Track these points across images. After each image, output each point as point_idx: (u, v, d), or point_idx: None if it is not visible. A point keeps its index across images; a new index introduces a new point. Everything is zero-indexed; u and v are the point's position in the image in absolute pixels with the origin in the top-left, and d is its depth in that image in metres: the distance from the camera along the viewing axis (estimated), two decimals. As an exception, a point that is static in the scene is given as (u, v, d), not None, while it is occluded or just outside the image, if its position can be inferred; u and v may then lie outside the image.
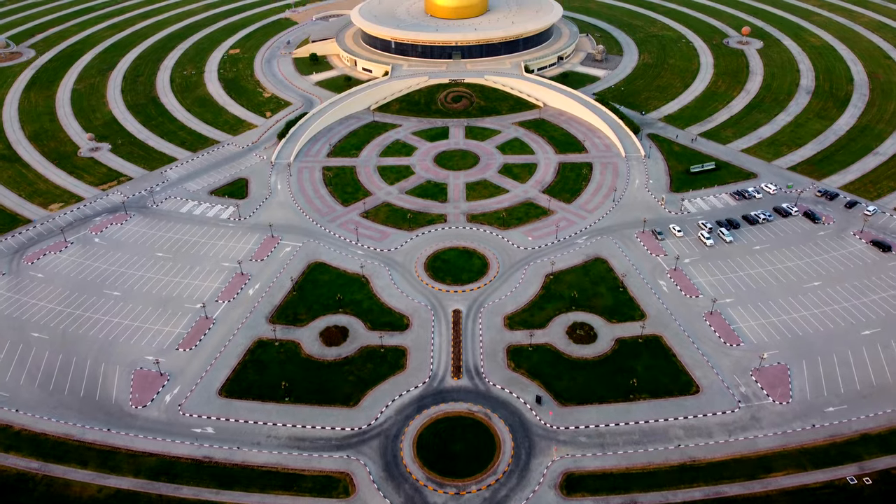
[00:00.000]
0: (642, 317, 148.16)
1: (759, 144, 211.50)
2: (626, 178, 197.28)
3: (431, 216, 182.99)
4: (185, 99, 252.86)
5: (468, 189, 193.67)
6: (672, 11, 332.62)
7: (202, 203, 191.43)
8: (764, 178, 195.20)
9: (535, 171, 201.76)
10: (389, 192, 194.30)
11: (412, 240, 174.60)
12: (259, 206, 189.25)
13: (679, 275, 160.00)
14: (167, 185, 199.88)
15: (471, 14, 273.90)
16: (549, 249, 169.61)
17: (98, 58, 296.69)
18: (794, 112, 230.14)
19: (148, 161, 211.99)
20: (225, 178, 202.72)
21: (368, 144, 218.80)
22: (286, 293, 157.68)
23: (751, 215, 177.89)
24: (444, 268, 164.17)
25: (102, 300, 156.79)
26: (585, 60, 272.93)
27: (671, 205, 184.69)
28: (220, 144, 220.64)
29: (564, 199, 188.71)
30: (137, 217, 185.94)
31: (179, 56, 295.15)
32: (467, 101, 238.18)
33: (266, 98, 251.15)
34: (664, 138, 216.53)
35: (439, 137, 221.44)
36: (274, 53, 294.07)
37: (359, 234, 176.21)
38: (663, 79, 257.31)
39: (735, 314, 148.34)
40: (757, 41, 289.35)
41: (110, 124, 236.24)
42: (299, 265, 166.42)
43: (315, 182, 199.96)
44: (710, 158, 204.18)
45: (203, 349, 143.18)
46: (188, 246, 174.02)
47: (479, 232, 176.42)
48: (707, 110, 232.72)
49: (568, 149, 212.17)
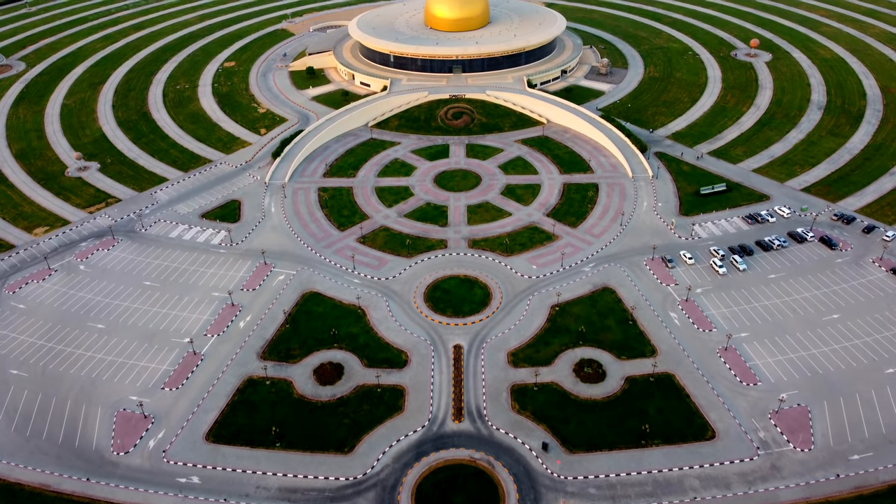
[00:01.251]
0: (653, 353, 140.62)
1: (770, 164, 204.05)
2: (634, 200, 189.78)
3: (431, 241, 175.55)
4: (178, 115, 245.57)
5: (469, 212, 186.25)
6: (678, 22, 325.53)
7: (193, 227, 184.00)
8: (777, 200, 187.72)
9: (538, 192, 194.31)
10: (387, 215, 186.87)
11: (411, 267, 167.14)
12: (252, 231, 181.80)
13: (691, 306, 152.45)
14: (157, 208, 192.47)
15: (472, 27, 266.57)
16: (555, 278, 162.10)
17: (89, 71, 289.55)
18: (805, 129, 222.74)
19: (137, 181, 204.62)
20: (217, 199, 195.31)
21: (366, 163, 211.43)
22: (279, 326, 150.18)
23: (765, 241, 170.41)
24: (444, 298, 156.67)
25: (86, 333, 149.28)
26: (589, 74, 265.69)
27: (681, 229, 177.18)
28: (213, 164, 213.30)
29: (570, 222, 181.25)
30: (125, 242, 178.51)
31: (173, 69, 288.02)
32: (468, 118, 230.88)
33: (261, 114, 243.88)
34: (672, 157, 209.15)
35: (439, 156, 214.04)
36: (270, 66, 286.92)
37: (355, 261, 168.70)
38: (670, 93, 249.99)
39: (751, 350, 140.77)
40: (765, 53, 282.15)
41: (100, 142, 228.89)
42: (293, 295, 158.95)
43: (310, 204, 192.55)
44: (721, 179, 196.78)
45: (190, 388, 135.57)
46: (177, 274, 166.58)
47: (481, 259, 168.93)
48: (716, 127, 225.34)
49: (573, 168, 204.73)
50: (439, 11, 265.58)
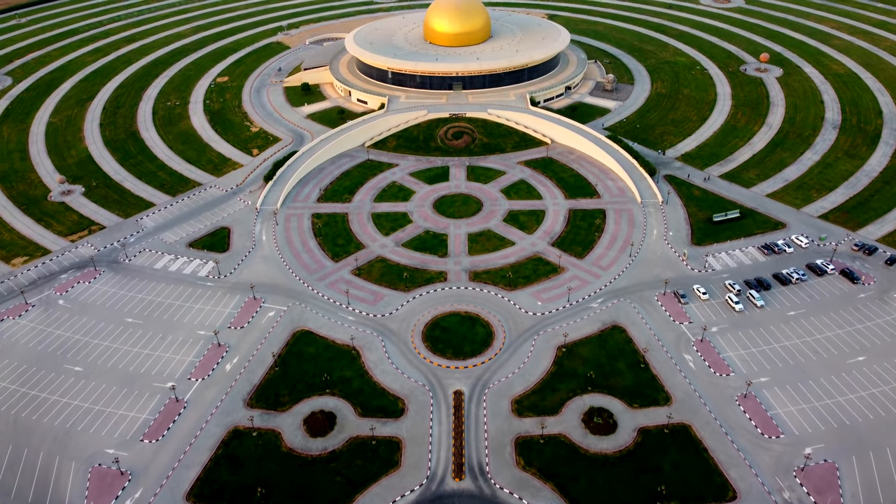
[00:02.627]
0: (667, 400, 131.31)
1: (785, 188, 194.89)
2: (643, 227, 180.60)
3: (430, 274, 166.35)
4: (168, 134, 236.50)
5: (470, 241, 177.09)
6: (684, 35, 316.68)
7: (179, 257, 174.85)
8: (794, 228, 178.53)
9: (543, 219, 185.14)
10: (384, 244, 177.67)
11: (409, 303, 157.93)
12: (241, 262, 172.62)
13: (707, 347, 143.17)
14: (142, 236, 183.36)
15: (472, 41, 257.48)
16: (561, 315, 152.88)
17: (77, 87, 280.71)
18: (821, 150, 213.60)
19: (123, 207, 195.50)
20: (205, 227, 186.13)
21: (362, 187, 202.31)
22: (267, 369, 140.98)
23: (782, 274, 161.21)
24: (443, 338, 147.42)
25: (62, 377, 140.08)
26: (594, 90, 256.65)
27: (694, 261, 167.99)
28: (202, 187, 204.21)
29: (576, 252, 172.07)
30: (107, 274, 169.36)
31: (164, 84, 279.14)
32: (469, 138, 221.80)
33: (254, 133, 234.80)
34: (682, 180, 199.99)
35: (439, 179, 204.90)
36: (264, 82, 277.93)
37: (350, 296, 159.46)
38: (678, 111, 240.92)
39: (772, 397, 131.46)
40: (776, 68, 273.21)
41: (85, 163, 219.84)
42: (283, 334, 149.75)
43: (303, 232, 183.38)
44: (734, 205, 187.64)
45: (171, 440, 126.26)
46: (161, 310, 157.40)
47: (483, 293, 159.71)
48: (727, 147, 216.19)
49: (578, 193, 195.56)
50: (439, 26, 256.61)
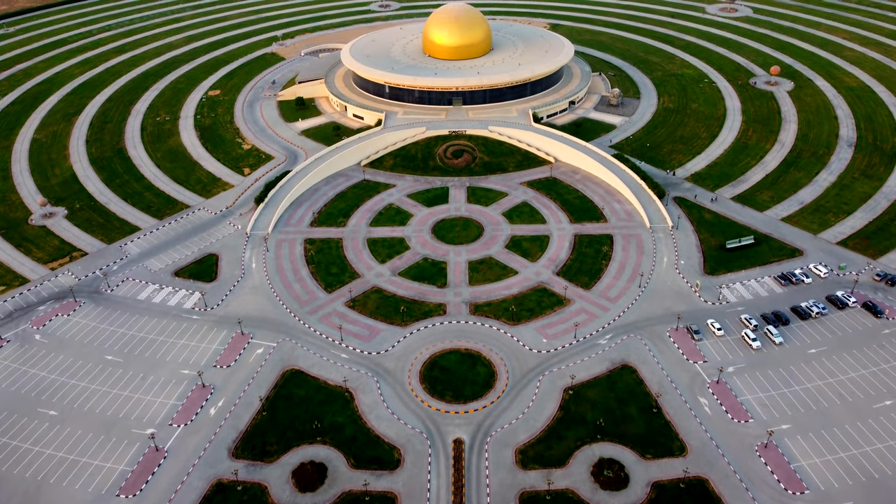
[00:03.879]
0: (682, 450, 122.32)
1: (801, 211, 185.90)
2: (653, 255, 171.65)
3: (428, 306, 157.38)
4: (156, 151, 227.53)
5: (471, 269, 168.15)
6: (691, 46, 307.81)
7: (164, 287, 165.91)
8: (811, 255, 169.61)
9: (547, 245, 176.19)
10: (380, 272, 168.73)
11: (406, 338, 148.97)
12: (229, 292, 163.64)
13: (723, 389, 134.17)
14: (126, 263, 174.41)
15: (473, 54, 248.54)
16: (567, 353, 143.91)
17: (65, 100, 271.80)
18: (836, 170, 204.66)
19: (107, 231, 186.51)
20: (192, 253, 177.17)
21: (358, 210, 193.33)
22: (254, 414, 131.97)
23: (801, 307, 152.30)
24: (442, 378, 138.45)
25: (35, 423, 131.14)
26: (599, 105, 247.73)
27: (707, 292, 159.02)
28: (190, 210, 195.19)
29: (582, 283, 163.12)
30: (88, 306, 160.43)
31: (154, 98, 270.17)
32: (469, 157, 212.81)
33: (245, 150, 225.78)
34: (693, 203, 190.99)
35: (438, 201, 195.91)
36: (257, 95, 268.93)
37: (343, 331, 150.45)
38: (686, 127, 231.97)
39: (794, 447, 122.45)
40: (787, 81, 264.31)
41: (69, 183, 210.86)
42: (272, 374, 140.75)
43: (295, 259, 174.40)
44: (747, 230, 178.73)
45: (149, 496, 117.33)
46: (143, 346, 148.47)
47: (484, 328, 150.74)
48: (739, 167, 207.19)
49: (584, 216, 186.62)
50: (438, 38, 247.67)
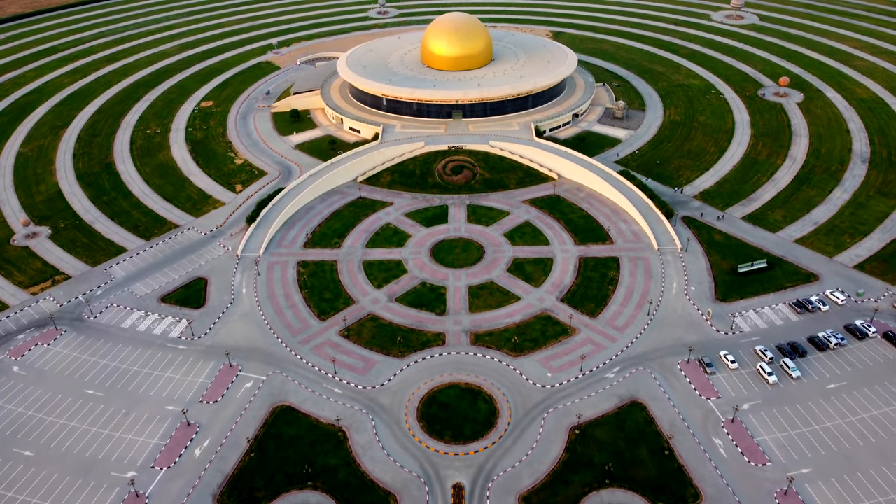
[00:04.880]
0: (696, 497, 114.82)
1: (815, 232, 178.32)
2: (662, 280, 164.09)
3: (427, 336, 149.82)
4: (145, 166, 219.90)
5: (471, 295, 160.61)
6: (697, 55, 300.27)
7: (149, 314, 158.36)
8: (827, 280, 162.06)
9: (551, 269, 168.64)
10: (376, 298, 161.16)
11: (402, 371, 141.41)
12: (218, 319, 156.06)
13: (738, 429, 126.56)
14: (110, 288, 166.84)
15: (473, 65, 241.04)
16: (573, 387, 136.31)
17: (53, 112, 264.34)
18: (850, 187, 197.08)
19: (92, 252, 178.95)
20: (180, 277, 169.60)
21: (353, 230, 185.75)
22: (242, 455, 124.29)
23: (818, 338, 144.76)
24: (441, 416, 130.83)
25: (10, 465, 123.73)
26: (603, 117, 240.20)
27: (719, 320, 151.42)
28: (179, 230, 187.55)
29: (588, 310, 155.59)
30: (69, 334, 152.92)
31: (145, 109, 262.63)
32: (469, 173, 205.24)
33: (238, 165, 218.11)
34: (703, 223, 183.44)
35: (437, 220, 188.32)
36: (251, 107, 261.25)
37: (337, 363, 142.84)
38: (694, 141, 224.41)
39: (816, 494, 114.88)
40: (796, 93, 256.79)
41: (54, 200, 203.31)
42: (261, 410, 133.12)
43: (287, 283, 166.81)
44: (760, 252, 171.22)
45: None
46: (126, 379, 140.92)
47: (485, 360, 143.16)
48: (749, 184, 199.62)
49: (589, 237, 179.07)
50: (437, 49, 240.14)
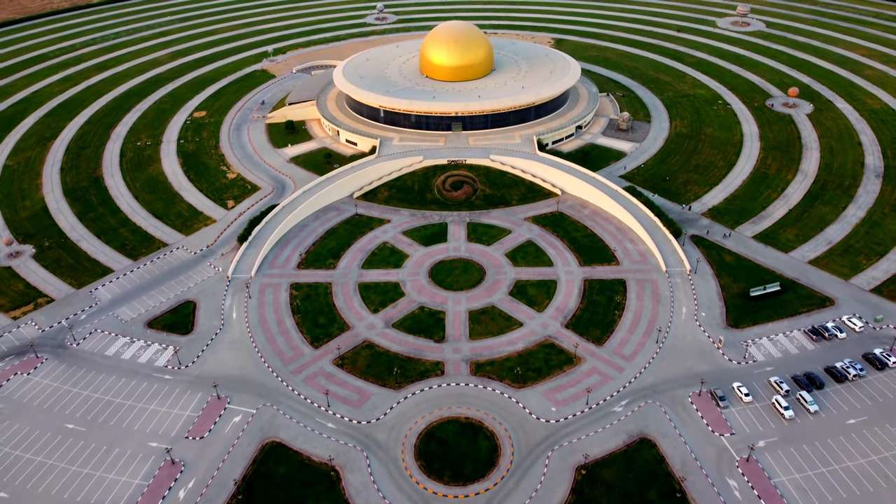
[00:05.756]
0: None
1: (829, 253, 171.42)
2: (670, 304, 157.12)
3: (425, 365, 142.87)
4: (135, 181, 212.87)
5: (472, 320, 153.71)
6: (702, 63, 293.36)
7: (135, 340, 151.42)
8: (843, 305, 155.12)
9: (554, 292, 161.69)
10: (372, 324, 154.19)
11: (399, 404, 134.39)
12: (206, 347, 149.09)
13: (754, 469, 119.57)
14: (95, 312, 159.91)
15: (473, 76, 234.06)
16: (579, 422, 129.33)
17: (41, 122, 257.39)
18: (864, 204, 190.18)
19: (77, 273, 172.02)
20: (168, 300, 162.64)
21: (349, 249, 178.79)
22: (228, 497, 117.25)
23: (836, 368, 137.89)
24: (440, 454, 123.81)
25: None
26: (608, 129, 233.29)
27: (731, 349, 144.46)
28: (168, 249, 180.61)
29: (594, 337, 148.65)
30: (50, 362, 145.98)
31: (136, 120, 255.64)
32: (469, 189, 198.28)
33: (230, 180, 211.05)
34: (712, 242, 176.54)
35: (436, 239, 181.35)
36: (245, 117, 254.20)
37: (330, 395, 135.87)
38: (701, 154, 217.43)
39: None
40: (805, 103, 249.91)
41: (40, 217, 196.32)
42: (249, 447, 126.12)
43: (280, 307, 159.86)
44: (772, 274, 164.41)
45: None
46: (109, 412, 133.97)
47: (487, 392, 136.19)
48: (759, 201, 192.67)
49: (594, 258, 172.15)
50: (436, 59, 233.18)
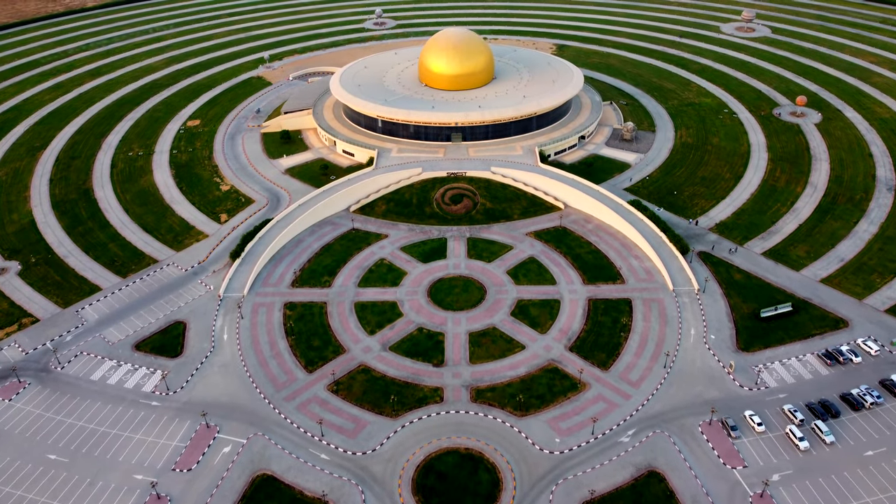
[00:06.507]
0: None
1: (842, 271, 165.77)
2: (678, 325, 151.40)
3: (423, 391, 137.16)
4: (125, 193, 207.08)
5: (472, 342, 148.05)
6: (707, 70, 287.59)
7: (122, 364, 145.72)
8: (858, 327, 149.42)
9: (558, 312, 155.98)
10: (369, 346, 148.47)
11: (397, 433, 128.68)
12: (196, 371, 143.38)
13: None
14: (81, 333, 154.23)
15: (473, 84, 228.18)
16: (584, 453, 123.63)
17: (31, 131, 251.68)
18: (877, 218, 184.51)
19: (63, 291, 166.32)
20: (157, 321, 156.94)
21: (345, 266, 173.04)
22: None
23: (852, 395, 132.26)
24: (439, 488, 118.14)
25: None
26: (611, 139, 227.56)
27: (742, 374, 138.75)
28: (158, 265, 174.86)
29: (599, 361, 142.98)
30: (33, 388, 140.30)
31: (128, 129, 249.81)
32: (469, 202, 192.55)
33: (224, 192, 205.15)
34: (720, 259, 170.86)
35: (435, 255, 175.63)
36: (240, 126, 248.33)
37: (325, 423, 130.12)
38: (708, 166, 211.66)
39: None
40: (814, 112, 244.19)
41: (27, 231, 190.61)
42: (239, 480, 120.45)
43: (273, 329, 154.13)
44: (783, 293, 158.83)
45: None
46: (93, 441, 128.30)
47: (488, 420, 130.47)
48: (768, 215, 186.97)
49: (599, 276, 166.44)
50: (436, 67, 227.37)
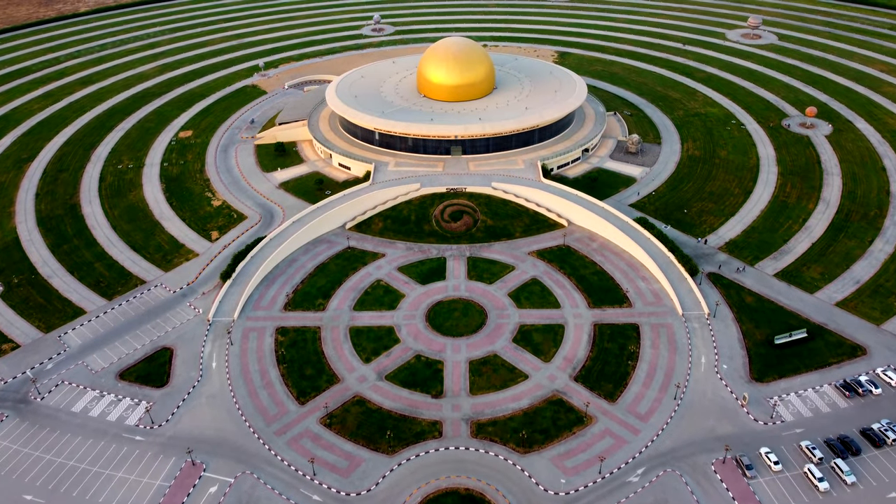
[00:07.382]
0: None
1: (858, 294, 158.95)
2: (689, 353, 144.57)
3: (421, 425, 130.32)
4: (114, 208, 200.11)
5: (472, 372, 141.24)
6: (713, 78, 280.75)
7: (105, 394, 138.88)
8: (876, 354, 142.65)
9: (562, 338, 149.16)
10: (364, 375, 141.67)
11: (392, 472, 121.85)
12: (182, 402, 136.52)
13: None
14: (63, 360, 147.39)
15: (474, 95, 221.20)
16: (591, 494, 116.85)
17: (18, 142, 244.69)
18: (892, 237, 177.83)
19: (46, 315, 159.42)
20: (143, 347, 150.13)
21: (340, 288, 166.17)
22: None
23: (873, 431, 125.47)
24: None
25: None
26: (616, 152, 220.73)
27: (756, 407, 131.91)
28: (146, 287, 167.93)
29: (605, 392, 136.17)
30: (11, 420, 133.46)
31: (118, 140, 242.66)
32: (470, 219, 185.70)
33: (215, 207, 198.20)
34: (730, 281, 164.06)
35: (434, 276, 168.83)
36: (233, 137, 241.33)
37: (317, 461, 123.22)
38: (716, 181, 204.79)
39: None
40: (824, 123, 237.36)
41: (10, 250, 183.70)
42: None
43: (263, 356, 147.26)
44: (797, 318, 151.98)
45: None
46: (72, 480, 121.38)
47: (489, 457, 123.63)
48: (780, 233, 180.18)
49: (605, 299, 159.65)
50: (435, 77, 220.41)
